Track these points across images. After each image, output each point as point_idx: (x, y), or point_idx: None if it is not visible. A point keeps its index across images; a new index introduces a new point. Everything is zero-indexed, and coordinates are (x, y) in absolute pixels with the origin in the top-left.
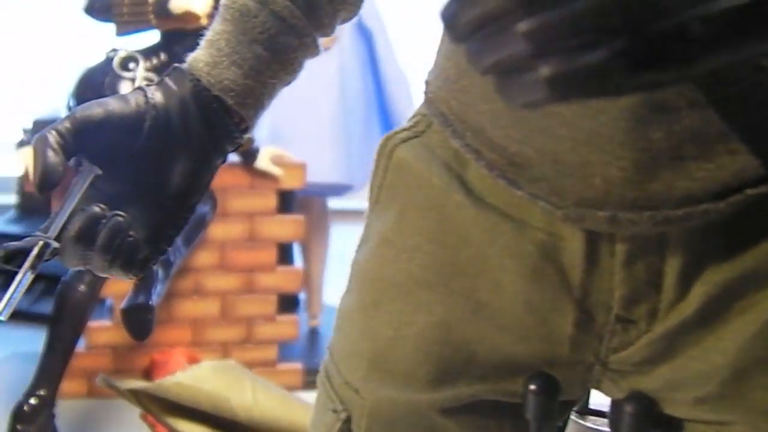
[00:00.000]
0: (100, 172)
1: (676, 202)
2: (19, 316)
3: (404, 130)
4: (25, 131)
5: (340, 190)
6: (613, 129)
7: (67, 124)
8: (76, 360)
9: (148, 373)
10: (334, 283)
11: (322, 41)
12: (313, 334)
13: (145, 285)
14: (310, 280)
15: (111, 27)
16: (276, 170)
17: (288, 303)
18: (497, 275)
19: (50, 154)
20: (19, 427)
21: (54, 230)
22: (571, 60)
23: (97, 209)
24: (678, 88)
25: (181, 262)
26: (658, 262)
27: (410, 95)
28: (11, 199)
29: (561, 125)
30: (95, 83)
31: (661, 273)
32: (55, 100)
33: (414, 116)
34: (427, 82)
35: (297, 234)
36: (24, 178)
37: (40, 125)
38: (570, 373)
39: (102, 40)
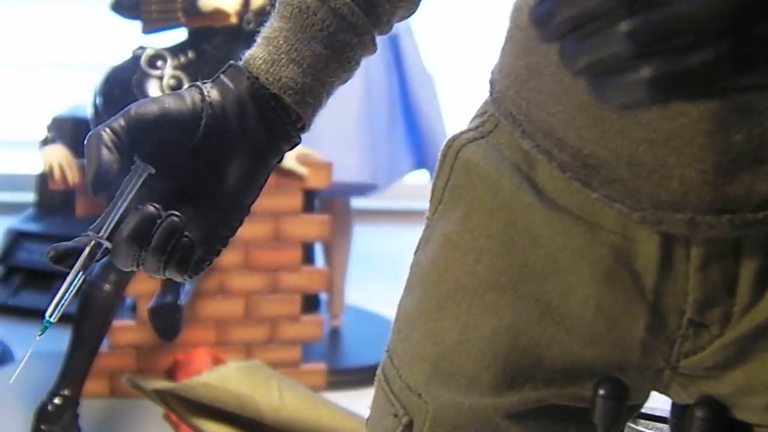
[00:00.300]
0: (153, 170)
1: (755, 205)
2: (39, 315)
3: (470, 130)
4: (49, 129)
5: (365, 189)
6: (693, 131)
7: (122, 122)
8: (98, 359)
9: (170, 373)
10: (356, 284)
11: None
12: (335, 334)
13: (172, 284)
14: (332, 280)
15: (133, 24)
16: (302, 169)
17: (309, 303)
18: (568, 278)
19: (105, 152)
20: (43, 427)
21: (106, 230)
22: (675, 61)
23: (151, 209)
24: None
25: None
26: (734, 265)
27: (436, 97)
28: (29, 197)
29: (638, 126)
30: (122, 81)
31: (736, 277)
32: (73, 98)
33: (479, 115)
34: (492, 82)
35: (323, 234)
36: (48, 176)
37: (58, 122)
38: (639, 378)
39: (122, 37)
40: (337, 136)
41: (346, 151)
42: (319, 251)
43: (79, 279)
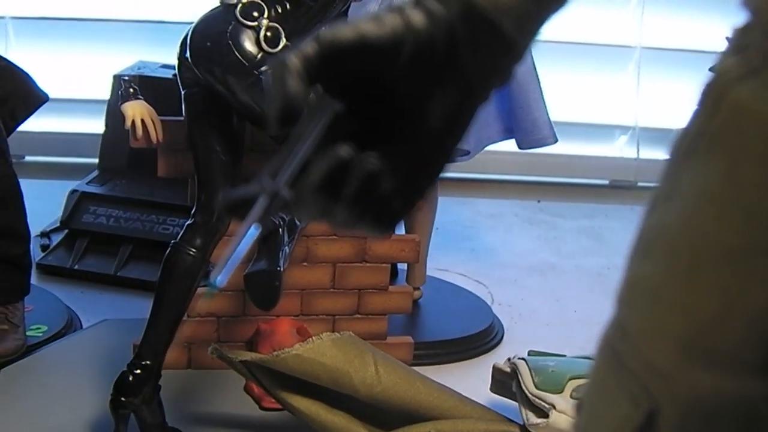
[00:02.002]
0: (340, 107)
1: None
2: (105, 280)
3: (732, 68)
4: (128, 82)
5: (456, 154)
6: None
7: (312, 48)
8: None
9: (252, 343)
10: (433, 254)
11: None
12: (415, 306)
13: (270, 249)
14: (418, 248)
15: None
16: None
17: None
18: None
19: (291, 82)
20: (122, 398)
21: (286, 176)
22: None
23: (343, 152)
24: None
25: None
26: None
27: (530, 60)
28: (93, 158)
29: None
30: (215, 33)
31: None
32: (134, 54)
33: (740, 49)
34: (755, 8)
35: None
36: (130, 133)
37: (119, 80)
38: None
39: None
40: None
41: None
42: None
43: (254, 234)
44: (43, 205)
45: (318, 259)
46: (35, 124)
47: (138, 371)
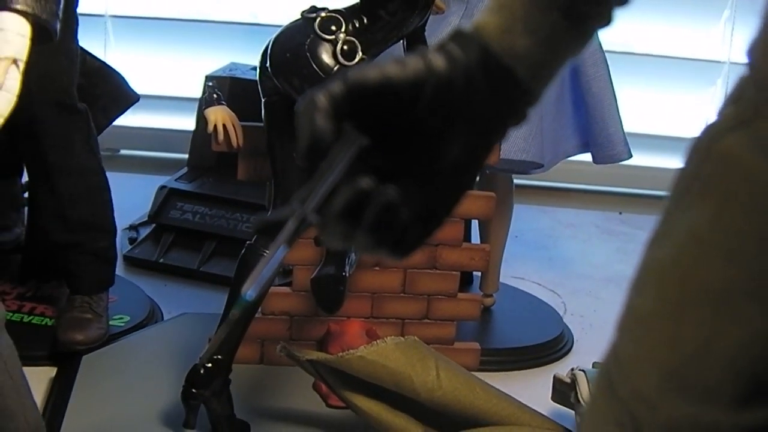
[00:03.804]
0: (366, 141)
1: None
2: (188, 275)
3: (727, 117)
4: (212, 88)
5: (529, 168)
6: None
7: (340, 88)
8: (251, 325)
9: (323, 343)
10: (506, 261)
11: None
12: (486, 313)
13: (336, 255)
14: (488, 258)
15: None
16: None
17: (462, 279)
18: None
19: (319, 120)
20: (193, 390)
21: (314, 203)
22: None
23: (365, 183)
24: None
25: None
26: None
27: (607, 75)
28: (183, 154)
29: None
30: (294, 45)
31: None
32: (227, 56)
33: (736, 100)
34: (752, 63)
35: (487, 211)
36: (213, 137)
37: (211, 80)
38: None
39: None
40: None
41: (516, 129)
42: (474, 227)
43: (282, 254)
44: (134, 198)
45: (389, 263)
46: (131, 119)
47: (209, 365)
